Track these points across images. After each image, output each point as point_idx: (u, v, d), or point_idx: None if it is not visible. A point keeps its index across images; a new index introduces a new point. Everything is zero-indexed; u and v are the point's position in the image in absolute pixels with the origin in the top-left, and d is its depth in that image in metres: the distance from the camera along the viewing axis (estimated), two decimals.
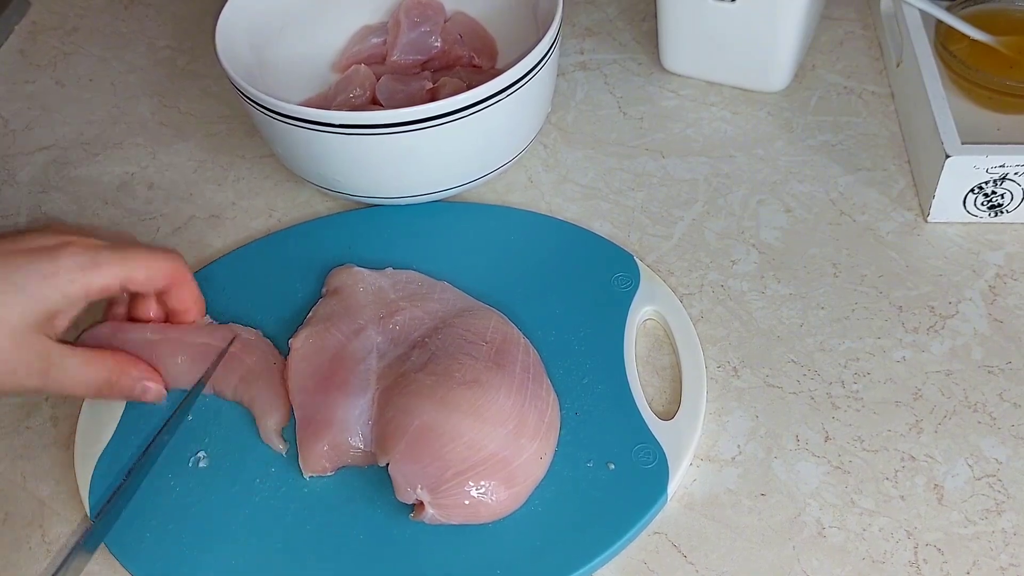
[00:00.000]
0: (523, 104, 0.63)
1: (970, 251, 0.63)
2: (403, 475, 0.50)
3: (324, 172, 0.64)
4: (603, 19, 0.82)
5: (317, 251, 0.64)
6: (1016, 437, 0.54)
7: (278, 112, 0.60)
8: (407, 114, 0.58)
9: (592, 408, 0.55)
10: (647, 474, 0.52)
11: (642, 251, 0.64)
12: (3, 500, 0.55)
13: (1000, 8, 0.72)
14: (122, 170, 0.73)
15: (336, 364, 0.56)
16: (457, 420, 0.51)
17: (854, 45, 0.78)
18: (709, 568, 0.50)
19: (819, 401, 0.56)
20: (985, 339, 0.58)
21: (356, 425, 0.53)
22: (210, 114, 0.77)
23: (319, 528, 0.51)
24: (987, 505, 0.52)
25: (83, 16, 0.87)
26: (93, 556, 0.51)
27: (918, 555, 0.50)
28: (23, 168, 0.74)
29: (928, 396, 0.56)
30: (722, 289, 0.62)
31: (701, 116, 0.73)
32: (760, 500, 0.52)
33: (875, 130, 0.71)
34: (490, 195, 0.69)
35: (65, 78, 0.81)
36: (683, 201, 0.67)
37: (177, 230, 0.69)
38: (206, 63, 0.81)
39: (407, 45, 0.73)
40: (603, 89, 0.76)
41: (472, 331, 0.56)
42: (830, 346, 0.59)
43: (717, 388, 0.57)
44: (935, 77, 0.65)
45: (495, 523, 0.50)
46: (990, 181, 0.61)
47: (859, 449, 0.54)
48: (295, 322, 0.59)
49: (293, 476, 0.53)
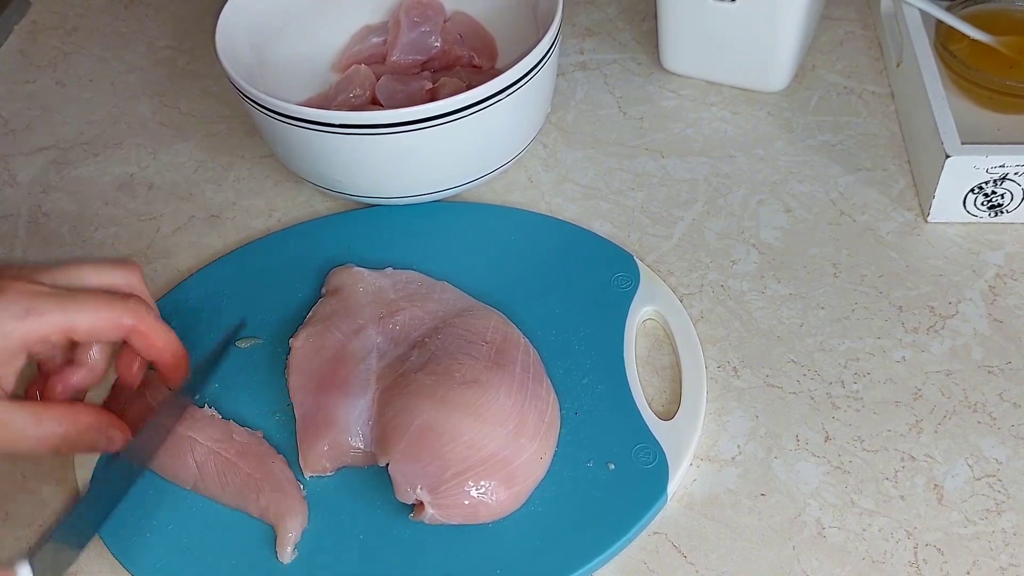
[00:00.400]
0: (523, 104, 0.63)
1: (970, 251, 0.63)
2: (403, 475, 0.50)
3: (324, 172, 0.64)
4: (603, 19, 0.82)
5: (317, 251, 0.64)
6: (1016, 437, 0.54)
7: (278, 112, 0.60)
8: (407, 114, 0.58)
9: (592, 408, 0.55)
10: (647, 474, 0.52)
11: (642, 251, 0.64)
12: (3, 500, 0.55)
13: (1000, 8, 0.72)
14: (122, 170, 0.73)
15: (336, 364, 0.56)
16: (457, 420, 0.51)
17: (854, 45, 0.78)
18: (709, 568, 0.50)
19: (819, 401, 0.56)
20: (985, 339, 0.58)
21: (356, 425, 0.53)
22: (210, 114, 0.77)
23: (319, 528, 0.51)
24: (987, 505, 0.52)
25: (83, 16, 0.87)
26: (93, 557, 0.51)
27: (918, 555, 0.50)
28: (23, 168, 0.74)
29: (928, 396, 0.56)
30: (722, 289, 0.62)
31: (701, 116, 0.73)
32: (760, 500, 0.52)
33: (875, 130, 0.71)
34: (490, 195, 0.69)
35: (65, 78, 0.81)
36: (683, 201, 0.67)
37: (177, 230, 0.69)
38: (206, 63, 0.81)
39: (407, 45, 0.73)
40: (603, 89, 0.76)
41: (472, 331, 0.56)
42: (830, 346, 0.59)
43: (717, 388, 0.57)
44: (935, 77, 0.65)
45: (495, 523, 0.50)
46: (990, 181, 0.61)
47: (859, 449, 0.54)
48: (295, 322, 0.59)
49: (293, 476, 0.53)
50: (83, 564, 0.52)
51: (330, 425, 0.53)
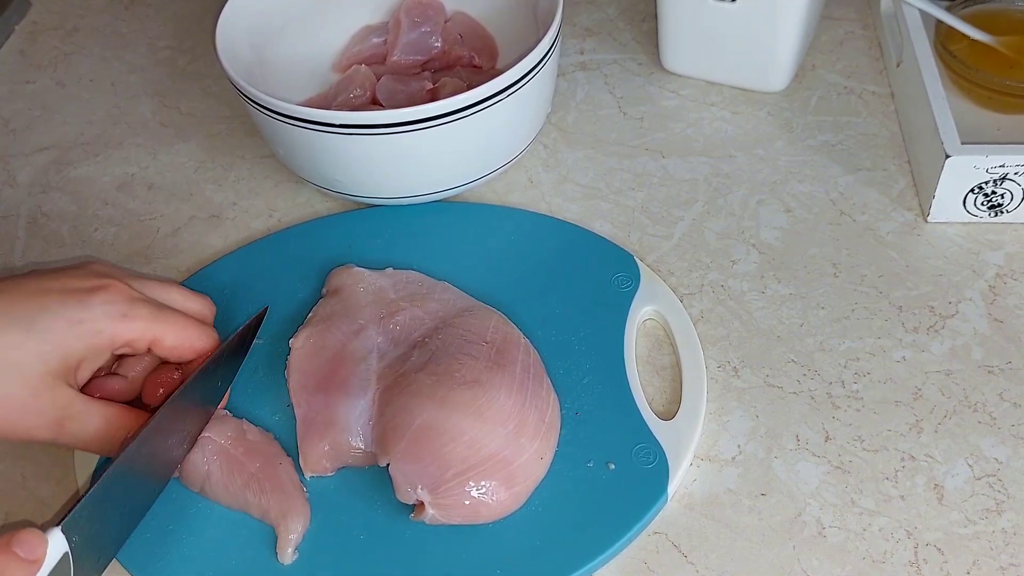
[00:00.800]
0: (523, 104, 0.63)
1: (970, 251, 0.63)
2: (403, 475, 0.50)
3: (324, 172, 0.64)
4: (603, 19, 0.82)
5: (317, 251, 0.64)
6: (1016, 437, 0.54)
7: (278, 112, 0.60)
8: (407, 114, 0.58)
9: (592, 408, 0.55)
10: (647, 474, 0.52)
11: (642, 251, 0.64)
12: (3, 500, 0.55)
13: (1000, 8, 0.72)
14: (122, 170, 0.73)
15: (336, 364, 0.56)
16: (457, 420, 0.51)
17: (854, 45, 0.78)
18: (709, 568, 0.50)
19: (819, 401, 0.56)
20: (985, 339, 0.58)
21: (356, 425, 0.53)
22: (210, 114, 0.77)
23: (319, 528, 0.51)
24: (987, 505, 0.52)
25: (83, 16, 0.87)
26: None
27: (918, 555, 0.50)
28: (23, 168, 0.74)
29: (928, 396, 0.56)
30: (722, 289, 0.62)
31: (701, 116, 0.73)
32: (760, 500, 0.53)
33: (875, 130, 0.71)
34: (490, 195, 0.69)
35: (65, 78, 0.81)
36: (683, 201, 0.67)
37: (177, 230, 0.69)
38: (206, 63, 0.81)
39: (407, 45, 0.73)
40: (603, 89, 0.76)
41: (472, 331, 0.56)
42: (830, 346, 0.59)
43: (717, 388, 0.57)
44: (935, 77, 0.65)
45: (495, 523, 0.50)
46: (990, 181, 0.61)
47: (859, 449, 0.54)
48: (295, 322, 0.59)
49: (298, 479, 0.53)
50: None
51: (330, 425, 0.53)
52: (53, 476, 0.56)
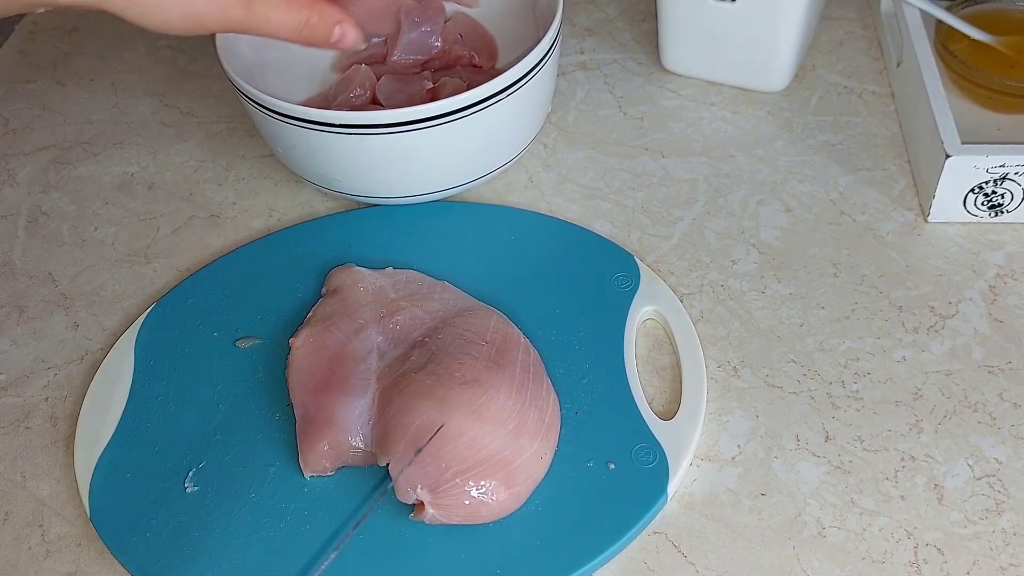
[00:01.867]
0: (523, 104, 0.63)
1: (970, 251, 0.63)
2: (403, 475, 0.50)
3: (324, 172, 0.64)
4: (603, 19, 0.82)
5: (317, 251, 0.64)
6: (1016, 437, 0.54)
7: (278, 112, 0.60)
8: (407, 114, 0.58)
9: (592, 408, 0.55)
10: (647, 474, 0.52)
11: (642, 251, 0.64)
12: (3, 500, 0.55)
13: (1000, 8, 0.72)
14: (122, 170, 0.73)
15: (336, 364, 0.56)
16: (457, 420, 0.51)
17: (854, 45, 0.78)
18: (709, 568, 0.50)
19: (819, 401, 0.56)
20: (985, 339, 0.58)
21: (356, 425, 0.53)
22: (210, 114, 0.77)
23: (319, 528, 0.51)
24: (987, 505, 0.52)
25: (83, 15, 0.87)
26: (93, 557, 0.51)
27: (918, 555, 0.50)
28: (23, 168, 0.74)
29: (928, 396, 0.56)
30: (722, 289, 0.62)
31: (701, 116, 0.73)
32: (760, 500, 0.53)
33: (875, 130, 0.71)
34: (490, 195, 0.69)
35: (65, 78, 0.81)
36: (683, 201, 0.67)
37: (177, 230, 0.69)
38: (206, 63, 0.81)
39: (407, 45, 0.73)
40: (603, 89, 0.76)
41: (472, 331, 0.56)
42: (830, 346, 0.59)
43: (717, 388, 0.57)
44: (935, 77, 0.65)
45: (495, 523, 0.50)
46: (990, 181, 0.61)
47: (859, 449, 0.54)
48: (295, 322, 0.59)
49: (293, 476, 0.53)
50: (83, 564, 0.52)
51: (330, 425, 0.53)
52: (53, 476, 0.56)
